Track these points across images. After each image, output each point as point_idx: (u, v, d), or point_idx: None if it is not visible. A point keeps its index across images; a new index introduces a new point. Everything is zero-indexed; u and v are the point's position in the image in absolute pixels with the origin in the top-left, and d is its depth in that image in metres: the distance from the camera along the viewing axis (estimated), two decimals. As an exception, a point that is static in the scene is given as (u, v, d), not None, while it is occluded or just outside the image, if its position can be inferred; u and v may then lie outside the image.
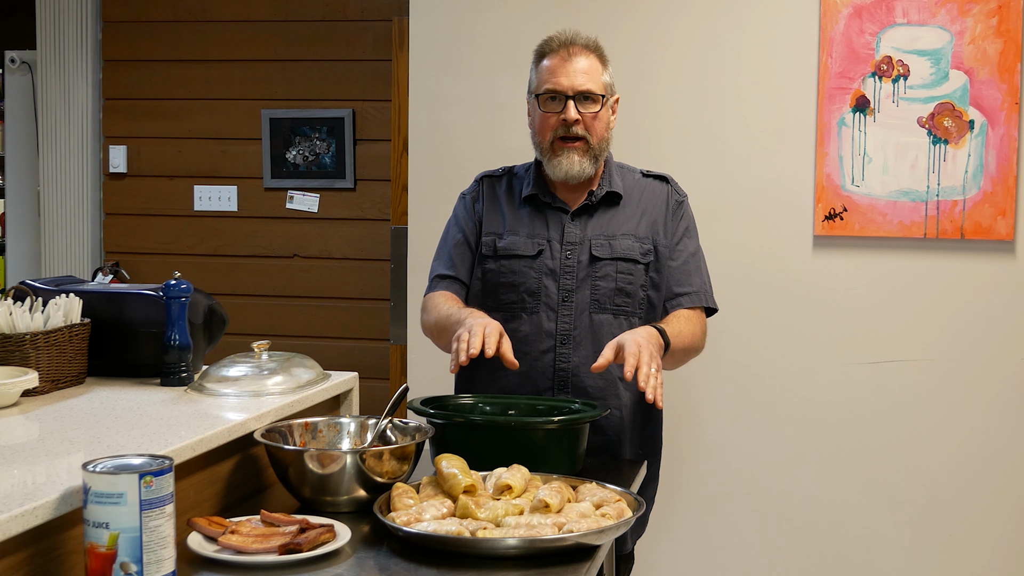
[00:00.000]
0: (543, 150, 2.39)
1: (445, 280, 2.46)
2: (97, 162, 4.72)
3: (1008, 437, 3.23)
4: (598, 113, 2.35)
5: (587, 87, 2.34)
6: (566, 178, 2.37)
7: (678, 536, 3.38)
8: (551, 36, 2.41)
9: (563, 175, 2.37)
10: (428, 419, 2.09)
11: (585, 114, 2.34)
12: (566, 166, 2.36)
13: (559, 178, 2.38)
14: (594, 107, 2.35)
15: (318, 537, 1.65)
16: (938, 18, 3.18)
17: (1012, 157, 3.16)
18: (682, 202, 2.49)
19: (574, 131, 2.34)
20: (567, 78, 2.34)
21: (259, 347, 2.24)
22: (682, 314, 2.40)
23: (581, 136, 2.35)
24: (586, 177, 2.39)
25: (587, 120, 2.34)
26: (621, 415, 2.37)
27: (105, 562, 1.44)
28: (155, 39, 4.64)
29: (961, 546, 3.25)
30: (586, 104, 2.34)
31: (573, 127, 2.33)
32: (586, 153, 2.35)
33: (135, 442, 1.77)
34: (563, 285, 2.38)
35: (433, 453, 2.07)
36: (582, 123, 2.34)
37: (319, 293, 4.58)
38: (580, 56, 2.36)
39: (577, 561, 1.65)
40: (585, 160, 2.36)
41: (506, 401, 2.26)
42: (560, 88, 2.34)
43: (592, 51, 2.38)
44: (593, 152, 2.36)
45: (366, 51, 4.49)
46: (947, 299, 3.24)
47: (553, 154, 2.37)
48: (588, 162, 2.36)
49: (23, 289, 2.34)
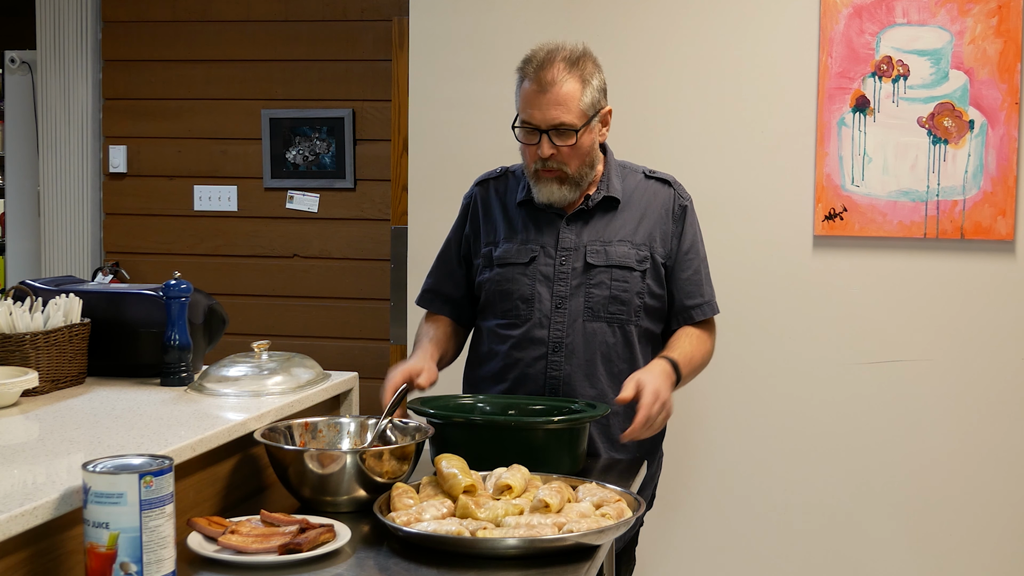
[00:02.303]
0: (528, 175, 2.39)
1: (427, 295, 2.54)
2: (97, 162, 4.73)
3: (1008, 437, 3.22)
4: (574, 144, 2.31)
5: (560, 120, 2.28)
6: (548, 203, 2.37)
7: (678, 536, 3.38)
8: (530, 54, 2.34)
9: (545, 201, 2.37)
10: (428, 419, 2.09)
11: (561, 147, 2.30)
12: (547, 194, 2.35)
13: (542, 204, 2.38)
14: (569, 140, 2.30)
15: (318, 537, 1.65)
16: (938, 18, 3.18)
17: (1012, 157, 3.16)
18: (686, 207, 2.45)
19: (549, 165, 2.32)
20: (540, 111, 2.28)
21: (259, 347, 2.24)
22: (693, 333, 2.40)
23: (557, 168, 2.33)
24: (569, 202, 2.39)
25: (563, 152, 2.31)
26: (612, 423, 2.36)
27: (105, 562, 1.44)
28: (155, 39, 4.64)
29: (961, 546, 3.25)
30: (561, 137, 2.30)
31: (548, 161, 2.32)
32: (564, 182, 2.34)
33: (135, 442, 1.77)
34: (556, 292, 2.36)
35: (433, 453, 2.07)
36: (557, 156, 2.31)
37: (319, 293, 4.58)
38: (556, 84, 2.27)
39: (577, 561, 1.65)
40: (564, 188, 2.35)
41: (506, 401, 2.26)
42: (534, 122, 2.30)
43: (572, 70, 2.29)
44: (573, 179, 2.35)
45: (366, 51, 4.49)
46: (947, 299, 3.24)
47: (536, 181, 2.37)
48: (568, 190, 2.35)
49: (23, 289, 2.34)
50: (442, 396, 2.27)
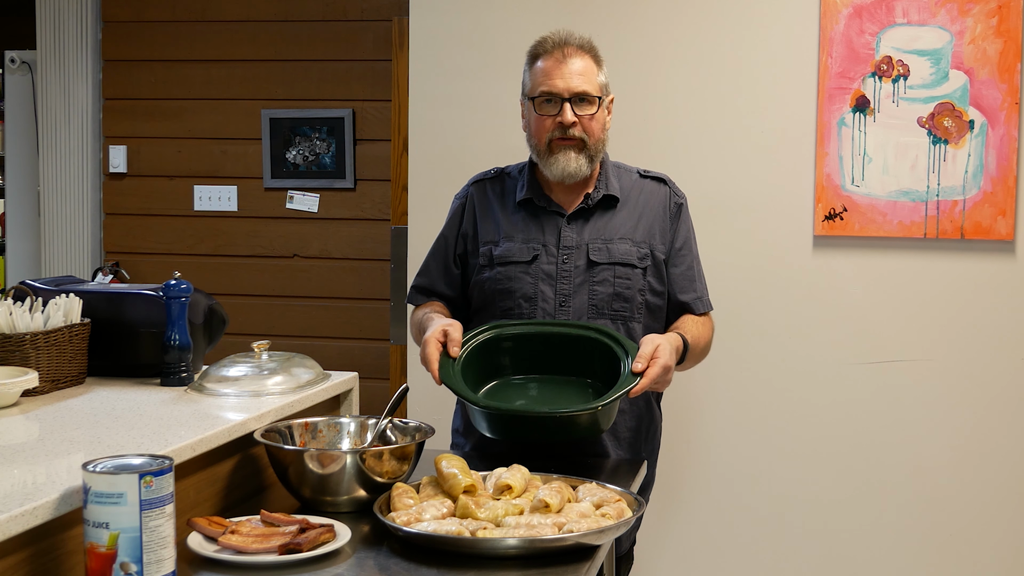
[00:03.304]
0: (540, 152, 2.38)
1: (420, 293, 2.52)
2: (97, 162, 4.72)
3: (1008, 437, 3.22)
4: (595, 114, 2.34)
5: (583, 88, 2.32)
6: (563, 177, 2.36)
7: (678, 536, 3.38)
8: (544, 37, 2.39)
9: (560, 174, 2.35)
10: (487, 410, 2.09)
11: (582, 116, 2.33)
12: (563, 164, 2.34)
13: (556, 178, 2.37)
14: (591, 108, 2.33)
15: (318, 537, 1.65)
16: (938, 18, 3.18)
17: (1012, 157, 3.16)
18: (681, 205, 2.47)
19: (571, 133, 2.33)
20: (563, 80, 2.32)
21: (259, 347, 2.24)
22: (697, 320, 2.42)
23: (578, 137, 2.34)
24: (583, 176, 2.38)
25: (584, 122, 2.33)
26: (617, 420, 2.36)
27: (105, 562, 1.44)
28: (155, 39, 4.64)
29: (961, 546, 3.25)
30: (582, 106, 2.33)
31: (570, 129, 2.32)
32: (582, 152, 2.34)
33: (135, 442, 1.77)
34: (560, 290, 2.36)
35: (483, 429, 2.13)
36: (579, 125, 2.33)
37: (319, 293, 4.58)
38: (575, 57, 2.34)
39: (577, 561, 1.65)
40: (582, 158, 2.34)
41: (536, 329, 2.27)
42: (556, 90, 2.32)
43: (587, 52, 2.36)
44: (589, 152, 2.35)
45: (366, 51, 4.49)
46: (947, 299, 3.24)
47: (550, 153, 2.35)
48: (585, 161, 2.35)
49: (23, 289, 2.34)
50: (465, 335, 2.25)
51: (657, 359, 2.14)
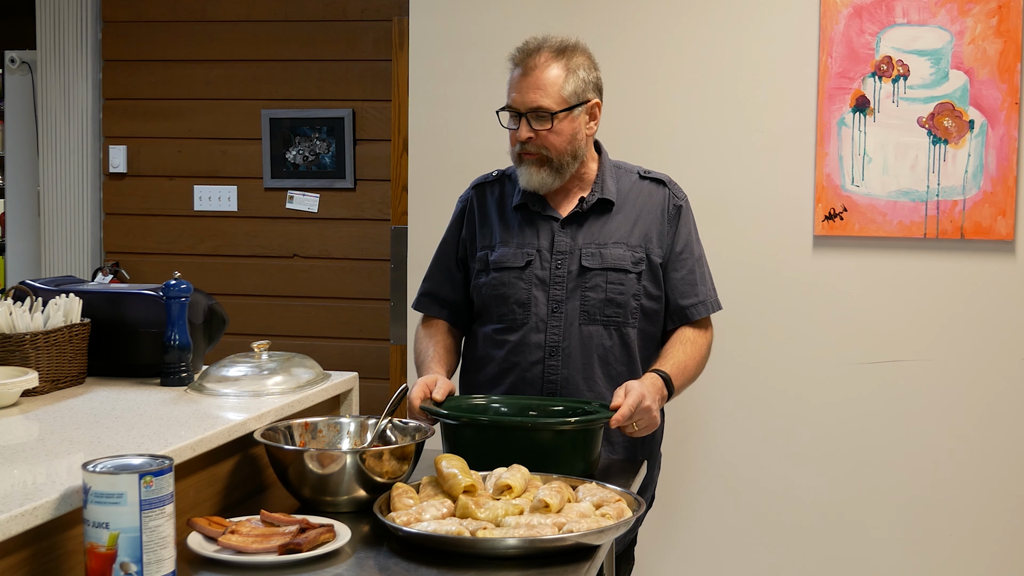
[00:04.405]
0: (514, 162, 2.40)
1: (425, 299, 2.53)
2: (97, 162, 4.73)
3: (1008, 437, 3.22)
4: (553, 127, 2.31)
5: (538, 104, 2.30)
6: (531, 188, 2.37)
7: (678, 536, 3.38)
8: (521, 44, 2.37)
9: (526, 185, 2.37)
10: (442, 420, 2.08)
11: (539, 130, 2.31)
12: (526, 177, 2.36)
13: (527, 188, 2.38)
14: (545, 124, 2.31)
15: (318, 537, 1.65)
16: (938, 18, 3.18)
17: (1012, 157, 3.16)
18: (681, 206, 2.44)
19: (527, 148, 2.33)
20: (519, 94, 2.32)
21: (259, 347, 2.24)
22: (687, 338, 2.39)
23: (536, 152, 2.33)
24: (551, 188, 2.38)
25: (542, 135, 2.32)
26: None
27: (105, 562, 1.44)
28: (155, 39, 4.64)
29: (961, 546, 3.25)
30: (539, 121, 2.31)
31: (526, 144, 2.33)
32: (544, 166, 2.34)
33: (135, 442, 1.77)
34: (552, 296, 2.36)
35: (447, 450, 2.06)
36: (536, 140, 2.32)
37: (319, 293, 4.58)
38: (539, 69, 2.30)
39: (577, 561, 1.65)
40: (543, 172, 2.34)
41: (525, 402, 2.24)
42: (514, 104, 2.33)
43: (557, 58, 2.31)
44: (554, 165, 2.34)
45: (366, 51, 4.49)
46: (947, 299, 3.24)
47: (518, 164, 2.38)
48: (547, 174, 2.35)
49: (23, 289, 2.34)
50: (455, 397, 2.26)
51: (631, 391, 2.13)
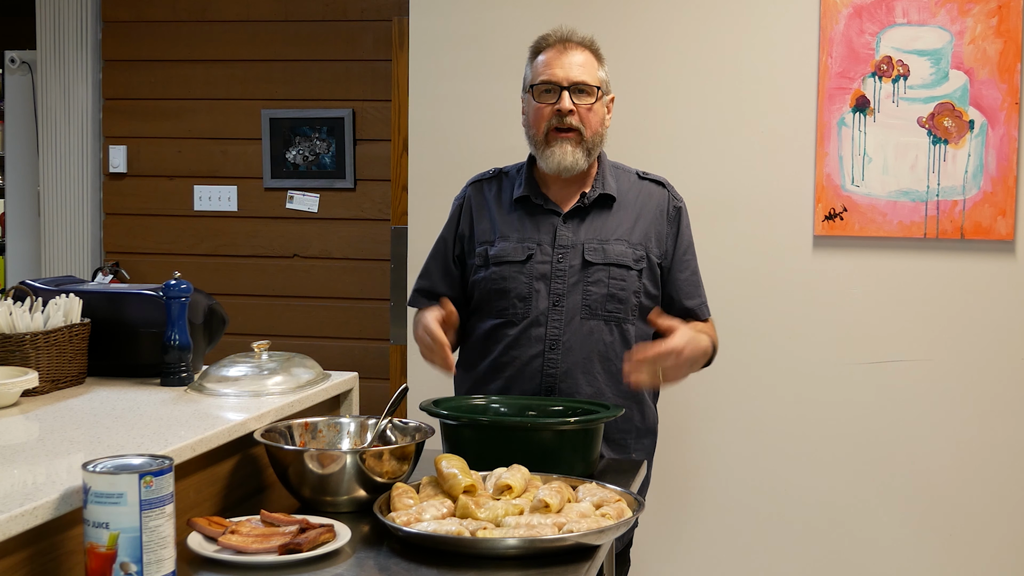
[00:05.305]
0: (537, 142, 2.38)
1: (421, 295, 2.53)
2: (97, 162, 4.72)
3: (1008, 437, 3.22)
4: (593, 106, 2.35)
5: (582, 79, 2.34)
6: (559, 170, 2.36)
7: (677, 536, 3.38)
8: (547, 33, 2.43)
9: (555, 166, 2.35)
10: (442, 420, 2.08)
11: (580, 106, 2.34)
12: (559, 156, 2.34)
13: (552, 170, 2.37)
14: (589, 99, 2.35)
15: (318, 537, 1.65)
16: (938, 18, 3.18)
17: (1012, 157, 3.16)
18: (680, 208, 2.46)
19: (568, 122, 2.33)
20: (562, 69, 2.35)
21: (259, 347, 2.24)
22: (700, 326, 2.42)
23: (575, 127, 2.34)
24: (579, 170, 2.37)
25: (581, 112, 2.34)
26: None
27: (105, 562, 1.44)
28: (155, 39, 4.64)
29: (961, 546, 3.25)
30: (581, 96, 2.34)
31: (567, 118, 2.33)
32: (579, 145, 2.35)
33: (135, 442, 1.77)
34: (554, 289, 2.36)
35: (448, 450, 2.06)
36: (576, 114, 2.34)
37: (319, 293, 4.58)
38: (576, 51, 2.37)
39: (577, 561, 1.64)
40: (578, 151, 2.35)
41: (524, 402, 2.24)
42: (555, 79, 2.34)
43: (588, 48, 2.40)
44: (586, 145, 2.35)
45: (366, 51, 4.49)
46: (947, 299, 3.24)
47: (547, 145, 2.36)
48: (581, 154, 2.35)
49: (23, 289, 2.34)
50: (456, 397, 2.26)
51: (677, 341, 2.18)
